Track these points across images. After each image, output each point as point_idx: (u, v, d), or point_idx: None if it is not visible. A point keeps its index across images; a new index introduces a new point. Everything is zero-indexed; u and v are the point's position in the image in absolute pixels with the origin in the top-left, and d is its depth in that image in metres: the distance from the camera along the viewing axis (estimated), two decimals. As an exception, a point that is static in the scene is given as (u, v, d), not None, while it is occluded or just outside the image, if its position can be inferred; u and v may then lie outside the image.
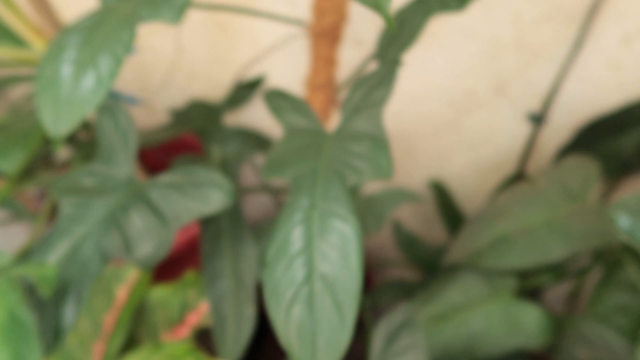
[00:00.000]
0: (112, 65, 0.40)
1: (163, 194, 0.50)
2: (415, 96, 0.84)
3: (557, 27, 0.72)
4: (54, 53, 0.40)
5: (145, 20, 0.43)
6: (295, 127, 0.49)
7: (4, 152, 0.59)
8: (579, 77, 0.76)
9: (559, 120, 0.81)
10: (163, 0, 0.44)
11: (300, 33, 0.76)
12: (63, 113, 0.38)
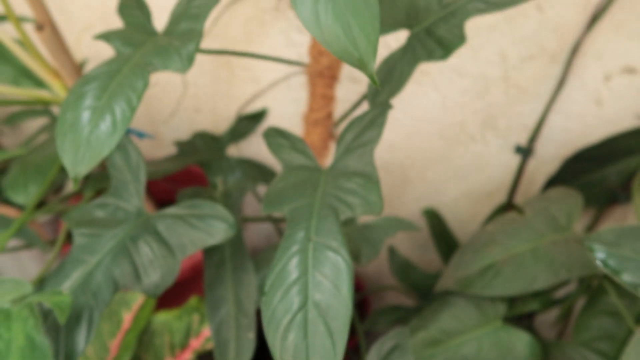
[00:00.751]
0: (126, 111, 0.44)
1: (170, 226, 0.54)
2: (409, 129, 0.88)
3: (541, 66, 0.76)
4: (74, 100, 0.44)
5: (156, 69, 0.47)
6: (292, 164, 0.53)
7: (22, 185, 0.62)
8: (563, 112, 0.80)
9: (546, 152, 0.85)
10: (173, 50, 0.48)
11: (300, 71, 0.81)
12: (82, 155, 0.42)
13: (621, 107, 0.78)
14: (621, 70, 0.74)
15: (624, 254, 0.51)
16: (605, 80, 0.76)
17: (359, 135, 0.51)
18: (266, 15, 0.78)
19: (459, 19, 0.51)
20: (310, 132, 0.75)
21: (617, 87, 0.76)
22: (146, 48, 0.49)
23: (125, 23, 0.54)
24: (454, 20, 0.51)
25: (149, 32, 0.53)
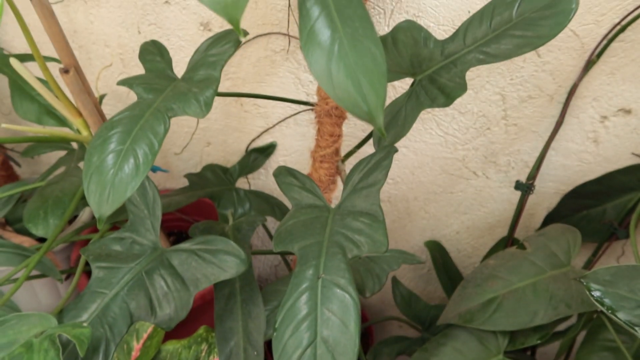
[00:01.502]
0: (149, 154, 0.47)
1: (184, 260, 0.57)
2: (413, 163, 0.91)
3: (539, 106, 0.79)
4: (100, 144, 0.48)
5: (176, 115, 0.51)
6: (302, 203, 0.56)
7: (42, 219, 0.65)
8: (562, 150, 0.83)
9: (546, 188, 0.88)
10: (192, 96, 0.52)
11: (308, 109, 0.85)
12: (107, 196, 0.45)
13: (618, 146, 0.81)
14: (617, 111, 0.77)
15: (619, 293, 0.53)
16: (602, 121, 0.79)
17: (365, 177, 0.54)
18: (276, 55, 0.81)
19: (460, 69, 0.54)
20: (318, 168, 0.78)
21: (613, 127, 0.79)
22: (167, 94, 0.52)
23: (146, 69, 0.58)
24: (456, 69, 0.54)
25: (169, 78, 0.56)
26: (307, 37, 0.41)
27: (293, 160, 0.95)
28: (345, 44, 0.40)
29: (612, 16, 0.69)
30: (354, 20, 0.41)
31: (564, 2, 0.51)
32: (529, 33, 0.52)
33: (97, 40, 0.87)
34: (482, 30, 0.54)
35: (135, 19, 0.83)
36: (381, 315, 1.18)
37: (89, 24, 0.85)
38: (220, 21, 0.80)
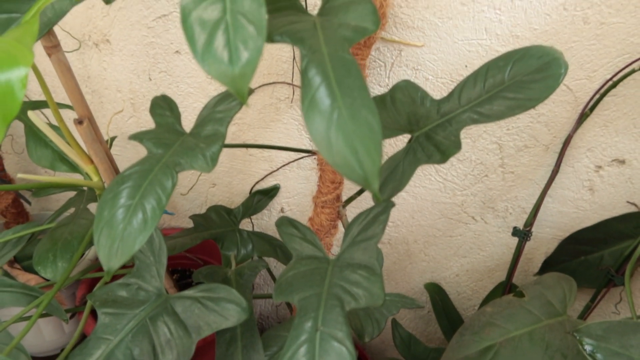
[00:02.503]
0: (156, 209, 0.49)
1: (187, 308, 0.58)
2: (413, 207, 0.93)
3: (535, 155, 0.82)
4: (110, 198, 0.50)
5: (184, 169, 0.53)
6: (302, 254, 0.58)
7: (51, 261, 0.67)
8: (558, 197, 0.85)
9: (543, 233, 0.89)
10: (199, 151, 0.54)
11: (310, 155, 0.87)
12: (116, 250, 0.47)
13: (613, 194, 0.82)
14: (611, 161, 0.79)
15: (611, 348, 0.54)
16: (597, 170, 0.81)
17: (364, 230, 0.56)
18: (281, 103, 0.85)
19: (455, 127, 0.57)
20: (320, 213, 0.80)
21: (608, 176, 0.81)
22: (175, 149, 0.55)
23: (156, 122, 0.60)
24: (451, 128, 0.57)
25: (178, 132, 0.59)
26: (308, 104, 0.43)
27: (296, 202, 0.97)
28: (344, 113, 0.42)
29: (604, 72, 0.72)
30: (352, 90, 0.43)
31: (554, 67, 0.54)
32: (521, 95, 0.54)
33: (109, 86, 0.91)
34: (476, 91, 0.57)
35: (146, 66, 0.86)
36: (381, 356, 1.18)
37: (103, 70, 0.89)
38: (227, 70, 0.84)
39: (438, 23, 0.72)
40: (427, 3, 0.71)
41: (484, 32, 0.72)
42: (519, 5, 0.69)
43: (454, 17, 0.71)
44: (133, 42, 0.84)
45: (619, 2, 0.66)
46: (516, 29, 0.71)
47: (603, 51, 0.70)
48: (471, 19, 0.71)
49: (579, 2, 0.67)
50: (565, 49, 0.71)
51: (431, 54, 0.75)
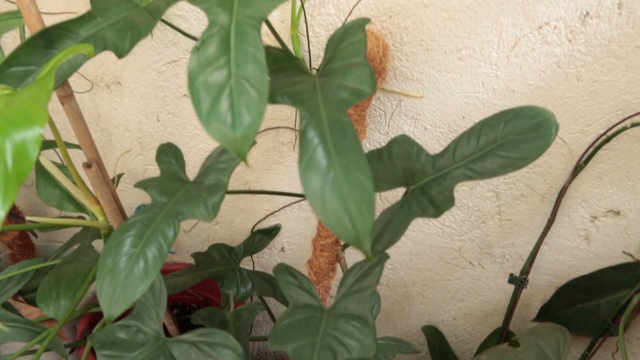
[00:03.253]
0: (157, 258, 0.51)
1: (184, 352, 0.60)
2: (411, 251, 0.94)
3: (532, 203, 0.83)
4: (114, 246, 0.52)
5: (185, 218, 0.55)
6: (298, 302, 0.59)
7: (54, 299, 0.69)
8: (555, 245, 0.86)
9: (540, 280, 0.90)
10: (201, 200, 0.56)
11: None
12: (117, 297, 0.49)
13: (609, 244, 0.83)
14: (606, 212, 0.81)
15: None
16: (592, 220, 0.82)
17: (359, 281, 0.57)
18: (284, 147, 0.87)
19: (449, 183, 0.58)
20: (318, 256, 0.82)
21: (603, 227, 0.82)
22: (178, 197, 0.57)
23: (161, 170, 0.63)
24: (445, 183, 0.59)
25: (182, 180, 0.61)
26: (306, 164, 0.45)
27: (296, 242, 0.99)
28: (339, 175, 0.44)
29: (597, 127, 0.74)
30: (348, 152, 0.46)
31: (545, 127, 0.56)
32: (512, 154, 0.56)
33: (118, 125, 0.94)
34: (470, 148, 0.59)
35: (155, 108, 0.89)
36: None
37: (113, 110, 0.92)
38: (233, 114, 0.86)
39: (436, 76, 0.75)
40: (426, 57, 0.74)
41: (481, 86, 0.74)
42: (515, 62, 0.71)
43: (452, 71, 0.74)
44: (143, 85, 0.87)
45: (610, 62, 0.68)
46: (512, 84, 0.73)
47: (596, 107, 0.72)
48: (469, 73, 0.74)
49: (572, 60, 0.70)
50: (560, 104, 0.73)
51: (430, 104, 0.78)
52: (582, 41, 0.68)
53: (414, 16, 0.71)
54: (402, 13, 0.71)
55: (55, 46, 0.57)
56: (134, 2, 0.62)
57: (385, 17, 0.72)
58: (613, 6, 0.65)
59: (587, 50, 0.68)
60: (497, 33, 0.70)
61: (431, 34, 0.72)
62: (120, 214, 0.73)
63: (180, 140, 0.92)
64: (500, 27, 0.69)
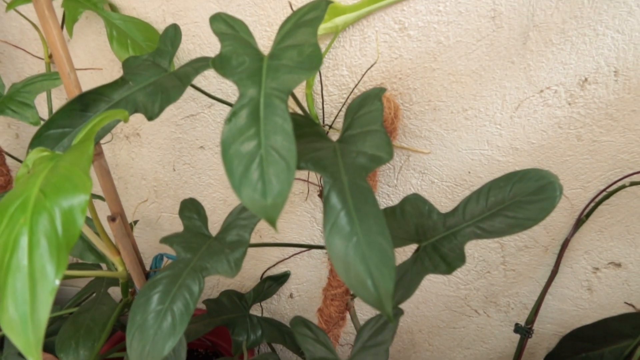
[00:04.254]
0: (184, 314, 0.53)
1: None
2: (417, 298, 0.96)
3: (535, 255, 0.86)
4: (143, 303, 0.54)
5: (209, 274, 0.58)
6: (315, 356, 0.61)
7: (73, 349, 0.70)
8: (558, 295, 0.89)
9: (544, 329, 0.92)
10: (224, 257, 0.59)
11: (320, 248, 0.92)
12: (147, 354, 0.51)
13: (611, 295, 0.86)
14: (607, 263, 0.84)
15: None
16: (594, 271, 0.85)
17: (374, 336, 0.60)
18: (295, 197, 0.90)
19: (459, 241, 0.61)
20: (329, 305, 0.84)
21: (605, 278, 0.85)
22: (202, 253, 0.60)
23: (184, 225, 0.66)
24: (456, 241, 0.62)
25: (204, 236, 0.64)
26: (330, 228, 0.48)
27: (305, 289, 1.01)
28: (362, 240, 0.47)
29: (597, 183, 0.78)
30: (369, 218, 0.49)
31: (550, 190, 0.60)
32: (520, 215, 0.60)
33: (135, 174, 0.97)
34: (479, 208, 0.62)
35: (171, 158, 0.93)
36: None
37: (130, 160, 0.96)
38: (247, 166, 0.90)
39: (443, 134, 0.79)
40: (434, 116, 0.78)
41: (486, 143, 0.78)
42: (518, 122, 0.76)
43: (458, 129, 0.78)
44: (161, 137, 0.91)
45: (608, 124, 0.73)
46: (515, 142, 0.77)
47: (596, 165, 0.76)
48: (474, 131, 0.78)
49: (572, 121, 0.74)
50: (561, 161, 0.77)
51: (437, 160, 0.81)
52: (581, 104, 0.72)
53: (422, 79, 0.75)
54: (411, 76, 0.75)
55: (90, 109, 0.60)
56: (163, 67, 0.66)
57: (395, 79, 0.76)
58: (610, 73, 0.69)
59: (586, 112, 0.73)
60: (501, 95, 0.74)
61: (439, 95, 0.76)
62: (140, 264, 0.75)
63: (195, 189, 0.95)
64: (504, 90, 0.74)
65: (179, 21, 0.80)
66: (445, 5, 0.69)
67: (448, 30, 0.71)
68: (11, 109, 0.67)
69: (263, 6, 0.75)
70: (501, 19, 0.69)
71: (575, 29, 0.67)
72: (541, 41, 0.69)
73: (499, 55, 0.71)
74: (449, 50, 0.72)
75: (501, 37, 0.70)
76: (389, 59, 0.75)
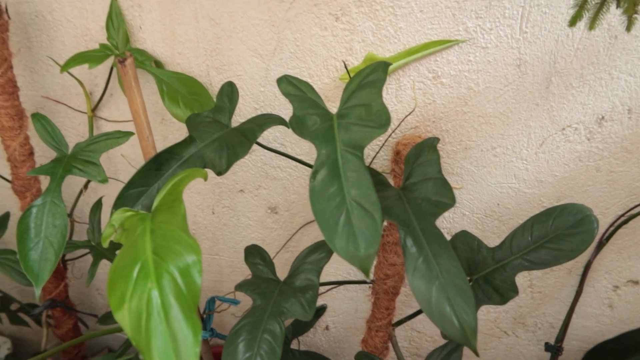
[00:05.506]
0: (272, 356, 0.57)
1: None
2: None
3: (560, 277, 0.92)
4: (231, 352, 0.58)
5: (287, 318, 0.62)
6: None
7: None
8: (582, 313, 0.95)
9: (570, 346, 0.98)
10: (296, 300, 0.63)
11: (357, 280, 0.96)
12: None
13: (630, 310, 0.93)
14: (626, 282, 0.91)
15: None
16: (614, 289, 0.92)
17: (440, 365, 0.64)
18: (333, 234, 0.95)
19: (509, 273, 0.67)
20: (374, 336, 0.88)
21: (625, 295, 0.92)
22: (275, 298, 0.64)
23: (252, 272, 0.70)
24: (506, 273, 0.67)
25: (273, 281, 0.68)
26: (413, 272, 0.53)
27: (340, 321, 1.05)
28: (443, 282, 0.52)
29: (615, 209, 0.85)
30: (446, 261, 0.54)
31: (587, 223, 0.66)
32: (564, 247, 0.66)
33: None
34: (525, 241, 0.68)
35: (211, 202, 0.97)
36: None
37: (169, 205, 0.99)
38: (286, 206, 0.95)
39: (474, 170, 0.85)
40: (465, 155, 0.84)
41: (513, 177, 0.85)
42: (542, 157, 0.82)
43: (487, 165, 0.85)
44: (201, 182, 0.95)
45: (624, 156, 0.80)
46: (540, 175, 0.84)
47: (614, 193, 0.83)
48: (502, 167, 0.84)
49: (591, 155, 0.81)
50: (582, 191, 0.84)
51: (468, 194, 0.88)
52: (599, 139, 0.80)
53: (454, 121, 0.82)
54: (443, 119, 0.82)
55: (163, 168, 0.64)
56: (223, 123, 0.71)
57: (429, 123, 0.82)
58: (624, 111, 0.77)
59: (603, 146, 0.80)
60: (527, 134, 0.81)
61: (469, 135, 0.82)
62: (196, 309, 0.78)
63: (233, 230, 0.99)
64: (529, 129, 0.81)
65: (222, 75, 0.85)
66: (475, 56, 0.76)
67: (478, 77, 0.77)
68: (78, 168, 0.70)
69: (304, 59, 0.81)
70: (526, 67, 0.76)
71: (593, 73, 0.75)
72: (562, 85, 0.76)
73: (525, 98, 0.78)
74: (479, 95, 0.79)
75: (526, 83, 0.77)
76: (423, 105, 0.81)
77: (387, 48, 0.78)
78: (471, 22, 0.74)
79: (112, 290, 0.46)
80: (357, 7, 0.76)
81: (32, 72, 0.92)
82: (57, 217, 0.65)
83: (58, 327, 1.01)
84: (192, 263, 0.48)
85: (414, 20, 0.75)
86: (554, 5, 0.71)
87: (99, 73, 0.89)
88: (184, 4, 0.80)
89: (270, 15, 0.79)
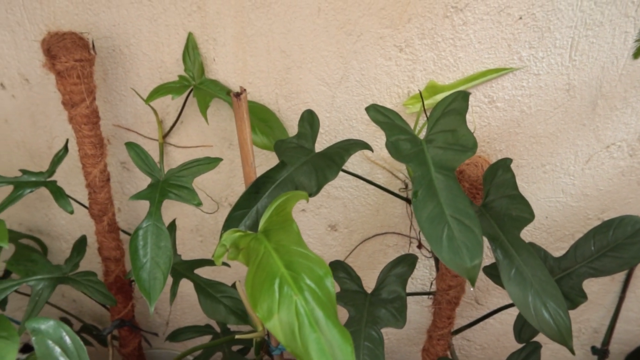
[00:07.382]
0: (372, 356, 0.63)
1: None
2: (499, 331, 1.07)
3: (604, 284, 0.99)
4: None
5: (382, 327, 0.67)
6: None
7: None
8: (623, 317, 1.01)
9: (612, 349, 1.04)
10: (386, 310, 0.69)
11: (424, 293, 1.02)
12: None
13: (668, 314, 0.99)
14: (665, 287, 0.97)
15: None
16: (654, 295, 0.99)
17: (520, 367, 0.70)
18: (389, 249, 1.01)
19: (576, 280, 0.73)
20: (435, 345, 0.93)
21: (664, 302, 0.98)
22: (368, 309, 0.70)
23: (341, 287, 0.75)
24: (572, 281, 0.74)
25: (360, 294, 0.74)
26: (508, 279, 0.60)
27: (393, 332, 1.10)
28: (537, 289, 0.59)
29: (655, 220, 0.92)
30: (536, 270, 0.60)
31: (644, 233, 0.73)
32: (625, 255, 0.72)
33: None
34: (589, 250, 0.74)
35: (272, 221, 1.02)
36: None
37: (231, 225, 1.04)
38: (345, 224, 1.00)
39: (525, 186, 0.92)
40: (517, 172, 0.91)
41: (561, 192, 0.92)
42: (588, 173, 0.89)
43: (537, 182, 0.91)
44: (263, 203, 1.00)
45: (663, 170, 0.87)
46: (586, 190, 0.91)
47: (654, 205, 0.91)
48: (551, 183, 0.91)
49: (633, 170, 0.88)
50: (624, 203, 0.91)
51: (518, 208, 0.94)
52: (641, 156, 0.87)
53: (507, 141, 0.88)
54: (497, 139, 0.89)
55: (260, 191, 0.70)
56: (307, 148, 0.77)
57: (484, 144, 0.89)
58: (663, 130, 0.85)
59: (645, 162, 0.87)
60: (574, 152, 0.88)
61: (521, 154, 0.89)
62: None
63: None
64: (576, 148, 0.88)
65: (289, 102, 0.91)
66: (528, 82, 0.83)
67: (530, 101, 0.85)
68: (173, 193, 0.75)
69: (368, 87, 0.88)
70: (574, 91, 0.83)
71: (635, 96, 0.83)
72: (607, 107, 0.84)
73: (573, 120, 0.85)
74: (530, 117, 0.86)
75: (574, 105, 0.84)
76: (479, 127, 0.88)
77: (447, 76, 0.85)
78: (525, 51, 0.81)
79: (257, 304, 0.51)
80: (420, 39, 0.83)
81: (105, 102, 0.97)
82: (161, 239, 0.71)
83: (124, 346, 1.05)
84: (323, 274, 0.54)
85: (472, 51, 0.82)
86: (601, 35, 0.79)
87: (170, 102, 0.95)
88: (257, 38, 0.87)
89: (339, 47, 0.86)
